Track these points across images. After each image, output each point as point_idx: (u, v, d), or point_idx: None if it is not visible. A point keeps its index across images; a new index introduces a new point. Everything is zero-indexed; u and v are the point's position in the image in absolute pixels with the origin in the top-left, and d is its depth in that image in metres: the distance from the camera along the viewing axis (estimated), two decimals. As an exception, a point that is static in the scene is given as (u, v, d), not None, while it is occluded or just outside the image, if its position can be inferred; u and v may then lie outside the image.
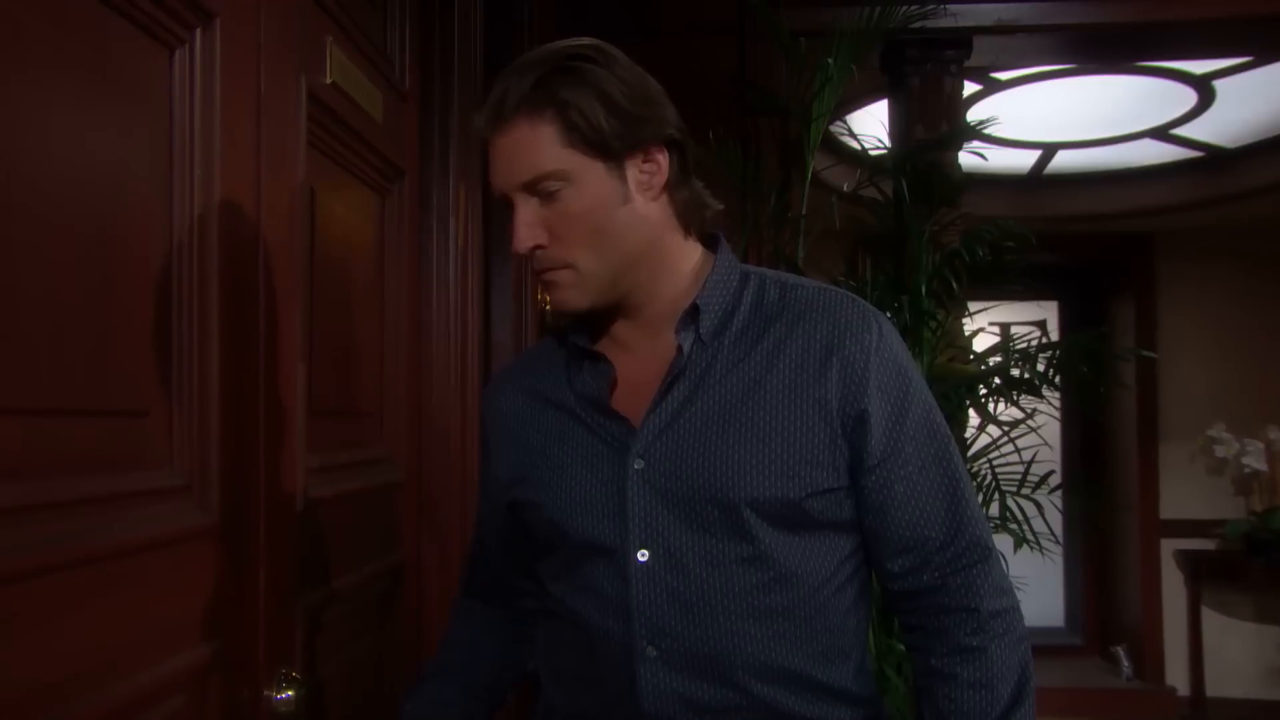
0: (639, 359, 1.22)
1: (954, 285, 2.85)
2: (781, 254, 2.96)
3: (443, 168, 2.28)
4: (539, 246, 1.15)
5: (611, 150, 1.13)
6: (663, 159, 1.17)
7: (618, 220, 1.15)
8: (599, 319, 1.24)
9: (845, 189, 3.14)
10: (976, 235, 2.86)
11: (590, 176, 1.13)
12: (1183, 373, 6.02)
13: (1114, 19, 3.34)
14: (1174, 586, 5.97)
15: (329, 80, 1.69)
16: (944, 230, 3.02)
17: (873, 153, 3.20)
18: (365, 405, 1.99)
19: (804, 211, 2.99)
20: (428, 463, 2.24)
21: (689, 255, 1.23)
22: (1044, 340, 3.02)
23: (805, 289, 1.23)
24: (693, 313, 1.19)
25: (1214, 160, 5.22)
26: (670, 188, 1.19)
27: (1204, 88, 4.29)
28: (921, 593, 1.20)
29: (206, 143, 1.28)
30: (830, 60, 2.86)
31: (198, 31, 1.27)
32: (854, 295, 1.23)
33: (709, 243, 1.26)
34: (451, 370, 2.29)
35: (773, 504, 1.14)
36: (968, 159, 3.33)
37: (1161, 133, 4.87)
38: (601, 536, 1.18)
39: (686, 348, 1.18)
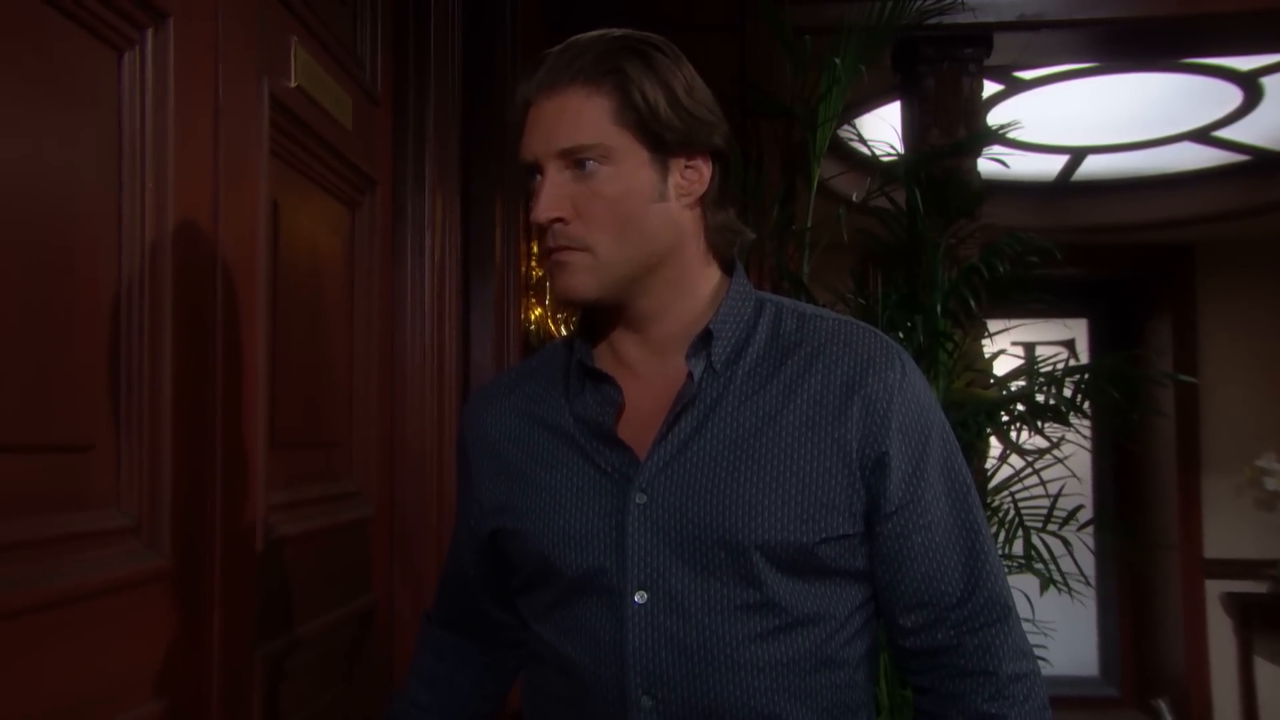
0: (645, 384, 1.22)
1: (972, 303, 2.86)
2: (785, 270, 2.97)
3: (418, 177, 2.30)
4: (561, 219, 1.14)
5: (662, 142, 1.15)
6: (706, 169, 1.20)
7: (649, 215, 1.17)
8: (605, 335, 1.24)
9: (854, 199, 3.16)
10: (997, 249, 2.87)
11: (633, 162, 1.15)
12: (1227, 397, 6.03)
13: (1151, 12, 3.34)
14: (1221, 633, 5.95)
15: (293, 83, 1.70)
16: (961, 243, 3.04)
17: (884, 159, 3.21)
18: (333, 435, 2.00)
19: (809, 223, 3.00)
20: (401, 497, 2.25)
21: (709, 278, 1.24)
22: (1072, 362, 3.02)
23: (825, 320, 1.24)
24: (705, 338, 1.20)
25: (1260, 164, 5.23)
26: (706, 203, 1.21)
27: (1250, 85, 4.31)
28: (936, 652, 1.20)
29: (159, 152, 1.29)
30: (838, 59, 2.88)
31: (149, 32, 1.28)
32: (876, 329, 1.25)
33: (727, 269, 1.27)
34: (427, 397, 2.30)
35: (784, 548, 1.14)
36: (988, 165, 3.35)
37: (1202, 135, 4.90)
38: (596, 574, 1.18)
39: (697, 374, 1.19)
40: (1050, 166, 5.31)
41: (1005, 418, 2.92)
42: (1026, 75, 4.18)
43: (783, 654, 1.16)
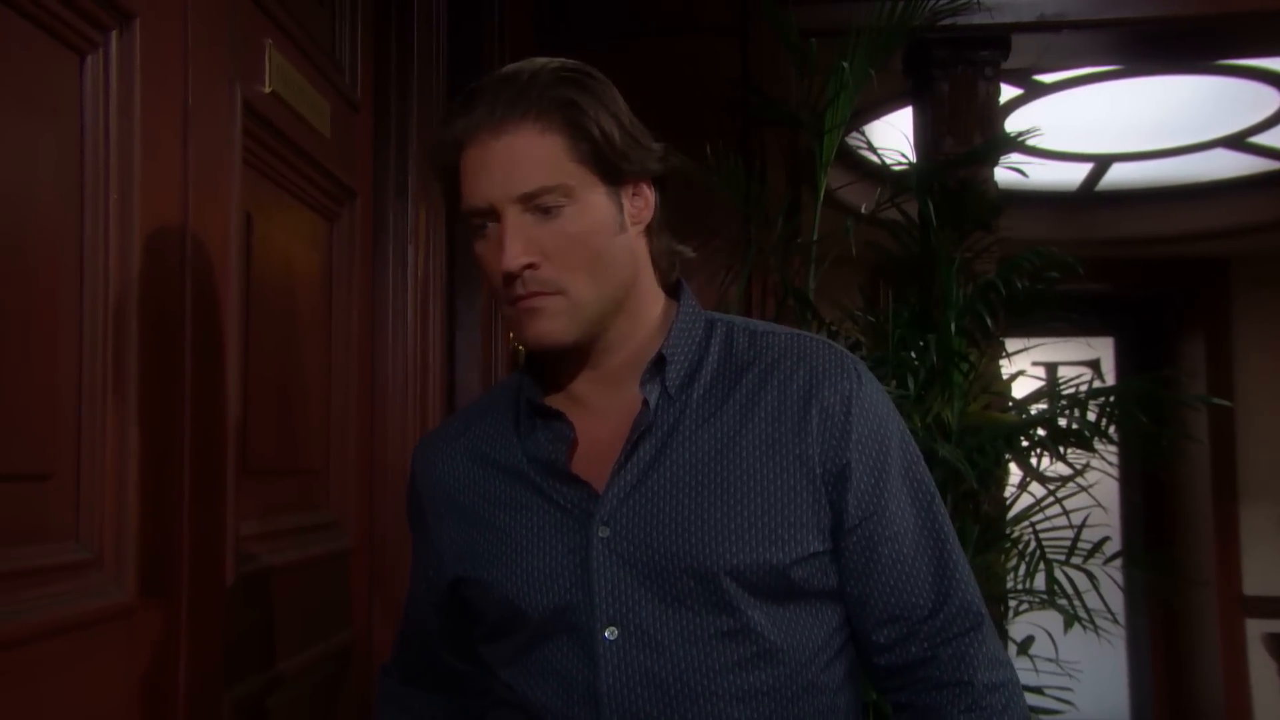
0: (598, 416, 1.26)
1: (989, 321, 2.87)
2: (790, 285, 2.98)
3: (400, 188, 2.31)
4: (532, 265, 1.17)
5: (617, 173, 1.20)
6: (651, 194, 1.26)
7: (614, 248, 1.22)
8: (553, 371, 1.28)
9: (863, 210, 3.17)
10: (1015, 263, 2.88)
11: (593, 196, 1.19)
12: (1265, 422, 6.03)
13: (1180, 11, 3.35)
14: (1265, 676, 5.91)
15: (268, 89, 1.72)
16: (977, 258, 3.05)
17: (895, 168, 3.23)
18: (309, 462, 2.00)
19: (815, 236, 3.01)
20: (381, 527, 2.25)
21: (658, 301, 1.30)
22: (1096, 384, 3.03)
23: (776, 335, 1.29)
24: (658, 363, 1.24)
25: (1300, 172, 5.25)
26: (651, 228, 1.28)
27: (1289, 88, 4.33)
28: (910, 667, 1.24)
29: (124, 161, 1.30)
30: (846, 63, 2.90)
31: (113, 34, 1.29)
32: (828, 340, 1.31)
33: (671, 290, 1.33)
34: (409, 420, 2.30)
35: (755, 572, 1.17)
36: (1005, 175, 3.37)
37: (1236, 141, 4.92)
38: (563, 612, 1.20)
39: (653, 401, 1.23)
40: (1073, 176, 5.33)
41: (1025, 443, 2.92)
42: (1047, 79, 4.20)
43: (762, 682, 1.19)
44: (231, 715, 1.58)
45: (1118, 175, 5.33)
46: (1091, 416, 2.94)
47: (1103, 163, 5.19)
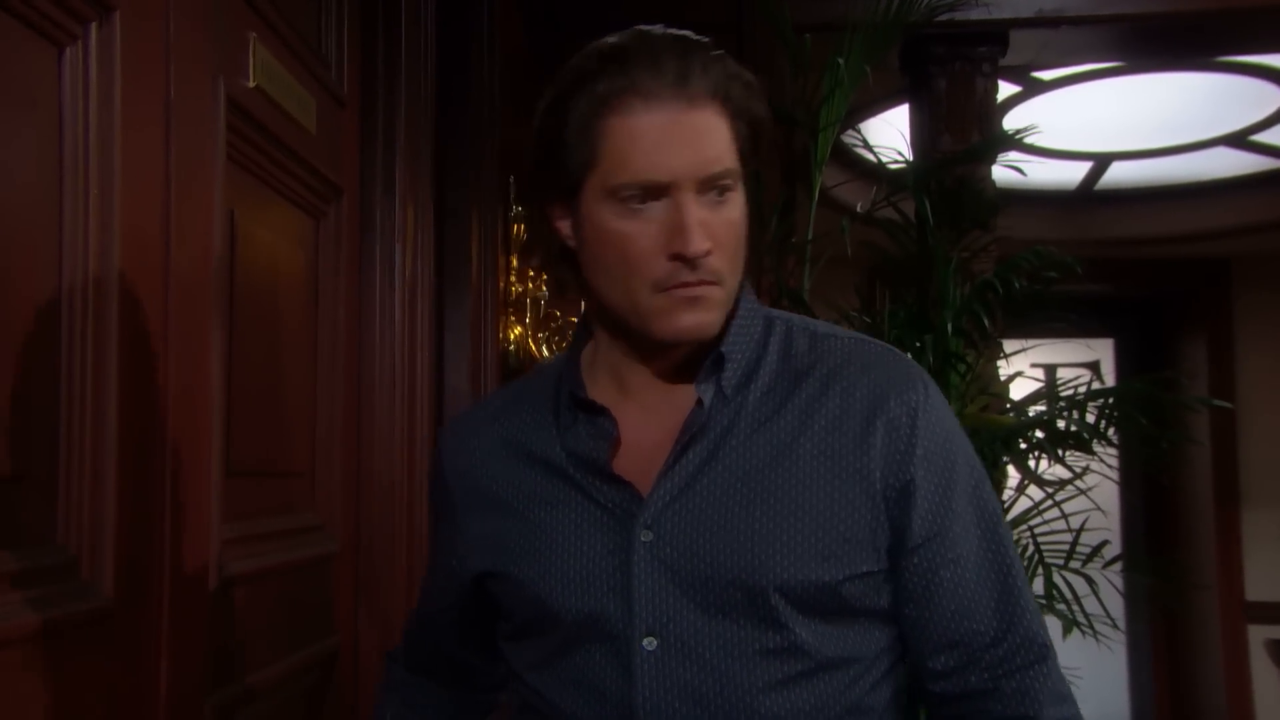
0: (646, 413, 1.22)
1: (987, 322, 2.87)
2: (784, 286, 2.98)
3: (387, 185, 2.31)
4: (709, 252, 1.12)
5: (752, 163, 1.18)
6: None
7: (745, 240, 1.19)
8: (605, 362, 1.25)
9: (859, 209, 3.17)
10: (1014, 263, 2.89)
11: (741, 186, 1.17)
12: (1268, 424, 6.04)
13: (1181, 7, 3.36)
14: (1268, 683, 5.92)
15: (252, 84, 1.71)
16: (975, 257, 3.05)
17: (891, 167, 3.24)
18: (294, 464, 2.00)
19: (810, 235, 3.01)
20: (368, 531, 2.24)
21: None
22: (1096, 385, 3.03)
23: (839, 339, 1.24)
24: (718, 361, 1.19)
25: (1303, 171, 5.26)
26: None
27: (1293, 85, 4.34)
28: (968, 696, 1.20)
29: (104, 157, 1.30)
30: (841, 59, 2.90)
31: (93, 26, 1.28)
32: (893, 348, 1.26)
33: None
34: (397, 422, 2.30)
35: (805, 589, 1.14)
36: (1003, 174, 3.37)
37: (1239, 139, 4.93)
38: (599, 619, 1.17)
39: (708, 401, 1.18)
40: (1072, 175, 5.34)
41: (1023, 445, 2.92)
42: (1046, 76, 4.21)
43: (806, 701, 1.15)
44: (214, 722, 1.58)
45: (1117, 174, 5.34)
46: (1091, 418, 2.94)
47: (1102, 161, 5.20)
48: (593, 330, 1.27)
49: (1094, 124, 4.70)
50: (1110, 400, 2.98)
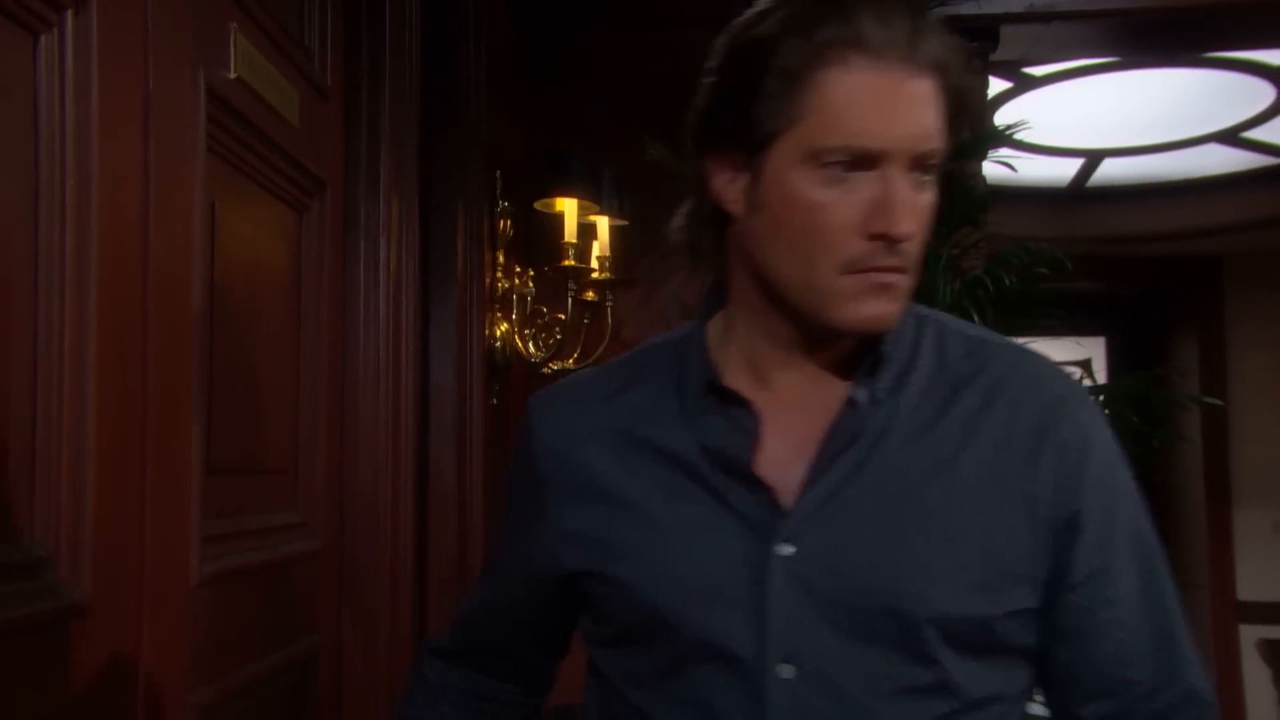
0: (787, 408, 1.11)
1: (977, 319, 2.87)
2: (775, 281, 2.97)
3: (372, 179, 2.30)
4: (911, 235, 1.03)
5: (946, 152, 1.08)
6: None
7: None
8: (744, 347, 1.14)
9: (849, 205, 3.16)
10: (1004, 260, 2.89)
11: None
12: (1259, 423, 6.05)
13: (1172, 2, 3.34)
14: (1259, 683, 5.95)
15: (233, 75, 1.70)
16: (965, 254, 3.04)
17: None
18: (275, 461, 1.99)
19: (801, 231, 3.00)
20: (351, 529, 2.24)
21: None
22: (1087, 383, 3.04)
23: (996, 346, 1.16)
24: (877, 360, 1.09)
25: (1295, 168, 5.28)
26: None
27: (1285, 81, 4.34)
28: None
29: (82, 148, 1.29)
30: (831, 54, 2.89)
31: (68, 14, 1.27)
32: (1053, 361, 1.18)
33: None
34: (381, 420, 2.29)
35: (962, 623, 1.05)
36: (995, 170, 3.37)
37: (1231, 136, 4.94)
38: (725, 639, 1.06)
39: (864, 402, 1.08)
40: (1064, 171, 5.35)
41: (1014, 443, 2.92)
42: (1037, 71, 4.21)
43: None
44: (194, 720, 1.57)
45: (1109, 171, 5.35)
46: (1081, 416, 2.93)
47: (1094, 158, 5.21)
48: (725, 307, 1.17)
49: (1086, 120, 4.71)
50: (1101, 398, 2.98)
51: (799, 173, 1.03)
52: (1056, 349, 6.25)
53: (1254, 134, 4.89)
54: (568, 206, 2.97)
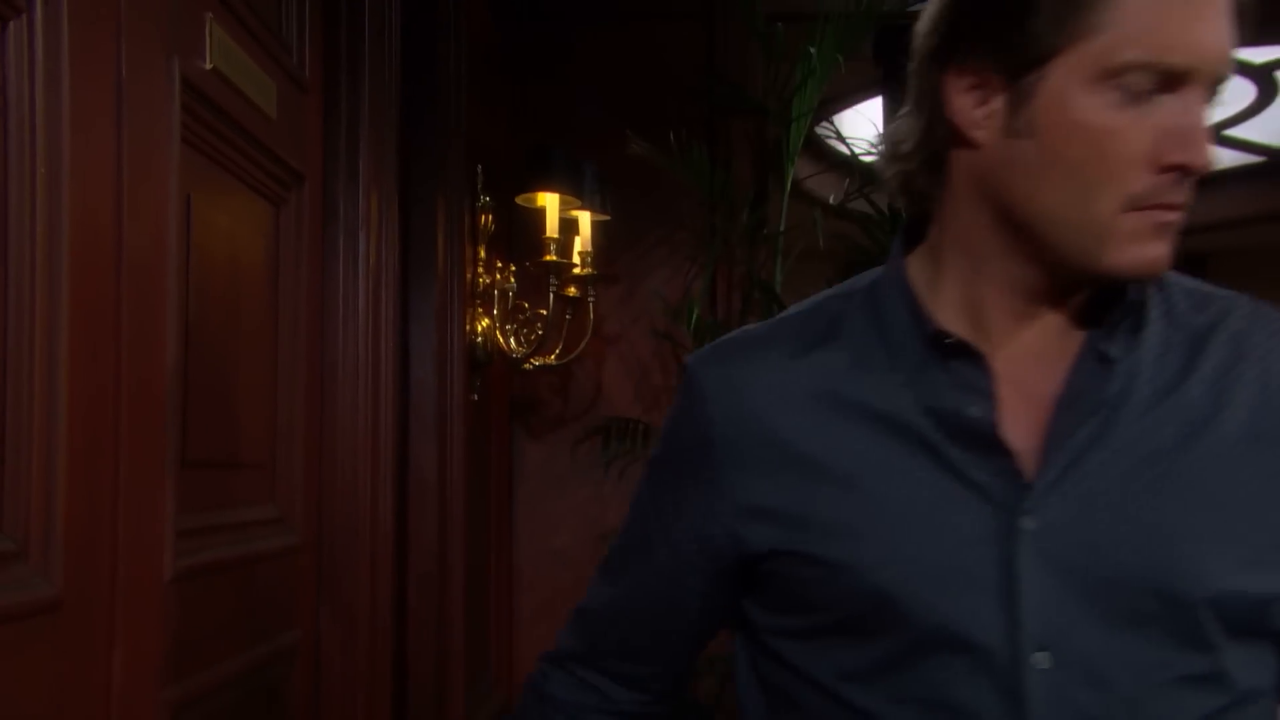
0: (1013, 362, 1.00)
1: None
2: (756, 278, 2.98)
3: (351, 173, 2.29)
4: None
5: None
6: None
7: None
8: (965, 288, 1.02)
9: (831, 201, 3.18)
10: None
11: None
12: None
13: None
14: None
15: (209, 65, 1.69)
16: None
17: (864, 159, 3.24)
18: (254, 456, 1.98)
19: (782, 227, 3.01)
20: (330, 524, 2.23)
21: None
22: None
23: (1224, 298, 1.06)
24: (1126, 311, 0.99)
25: (1276, 166, 5.30)
26: None
27: (1265, 80, 4.36)
28: None
29: (52, 137, 1.27)
30: (813, 49, 2.90)
31: (38, 1, 1.25)
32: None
33: None
34: (360, 414, 2.28)
35: (1240, 603, 0.94)
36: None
37: (1213, 134, 4.93)
38: (970, 627, 0.94)
39: (1119, 357, 0.98)
40: (1048, 169, 5.35)
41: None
42: (1018, 69, 4.21)
43: None
44: (168, 716, 1.56)
45: (1092, 169, 5.35)
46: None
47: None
48: (919, 249, 1.06)
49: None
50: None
51: (1086, 94, 0.91)
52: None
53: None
54: (549, 201, 2.97)
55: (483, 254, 2.96)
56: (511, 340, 3.09)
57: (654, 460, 1.16)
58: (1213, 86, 0.93)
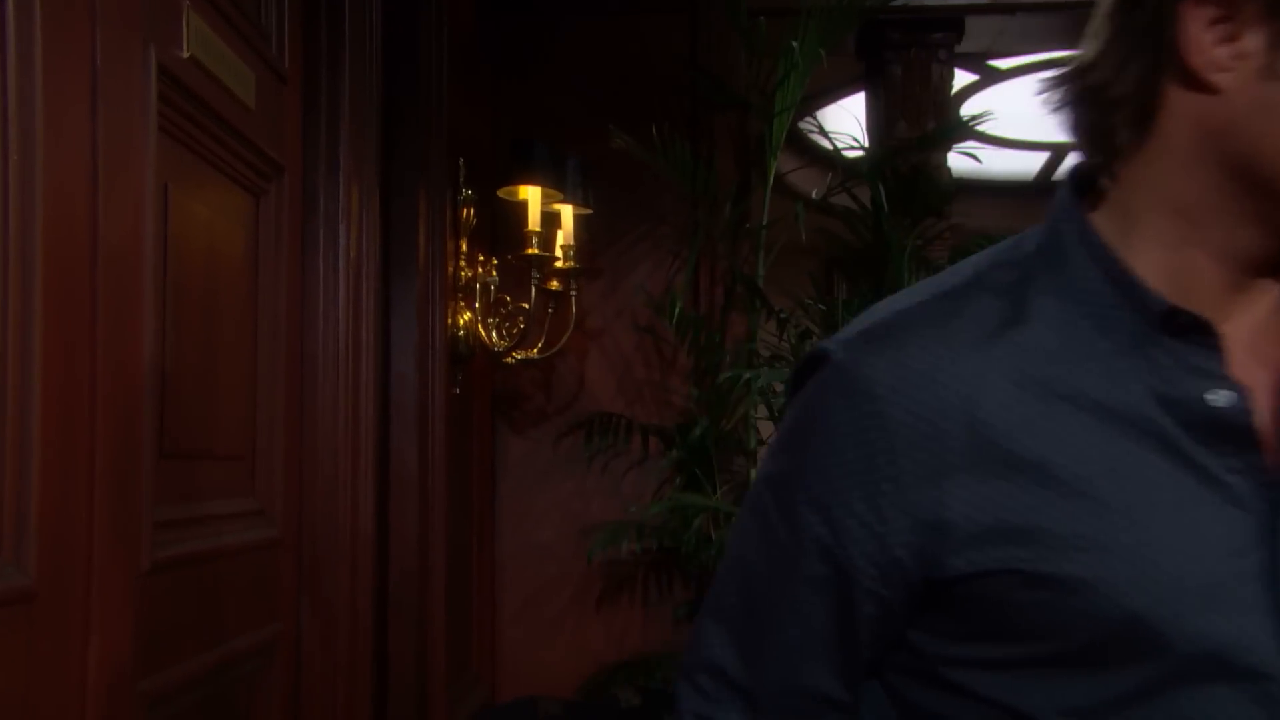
0: (1243, 345, 0.88)
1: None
2: (739, 272, 2.98)
3: (331, 164, 2.28)
4: None
5: None
6: None
7: None
8: (1168, 251, 0.88)
9: (814, 196, 3.18)
10: (968, 251, 2.89)
11: None
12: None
13: (1141, -9, 3.39)
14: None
15: (186, 54, 1.68)
16: (929, 245, 3.06)
17: (846, 153, 3.24)
18: (233, 448, 1.97)
19: (765, 221, 3.01)
20: (311, 517, 2.22)
21: None
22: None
23: None
24: None
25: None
26: None
27: None
28: None
29: (25, 126, 1.26)
30: (796, 44, 2.90)
31: (13, -12, 1.25)
32: None
33: None
34: (341, 407, 2.28)
35: None
36: (960, 162, 3.38)
37: None
38: (1239, 650, 0.81)
39: None
40: (1029, 165, 5.38)
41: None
42: (1002, 65, 4.24)
43: None
44: (144, 709, 1.55)
45: (1075, 165, 5.38)
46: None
47: (1060, 152, 5.24)
48: (1097, 209, 0.92)
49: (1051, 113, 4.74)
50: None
51: None
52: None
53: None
54: (531, 195, 2.96)
55: (464, 247, 2.96)
56: (493, 334, 3.09)
57: (780, 480, 0.96)
58: None
